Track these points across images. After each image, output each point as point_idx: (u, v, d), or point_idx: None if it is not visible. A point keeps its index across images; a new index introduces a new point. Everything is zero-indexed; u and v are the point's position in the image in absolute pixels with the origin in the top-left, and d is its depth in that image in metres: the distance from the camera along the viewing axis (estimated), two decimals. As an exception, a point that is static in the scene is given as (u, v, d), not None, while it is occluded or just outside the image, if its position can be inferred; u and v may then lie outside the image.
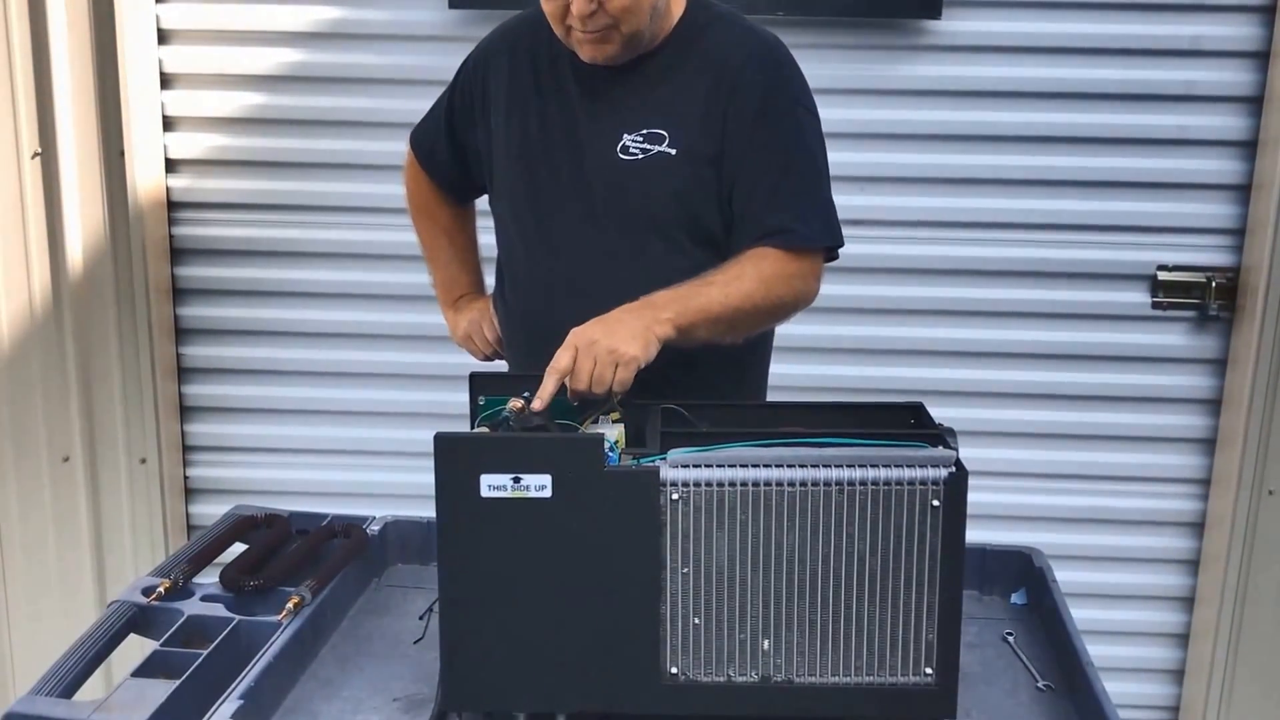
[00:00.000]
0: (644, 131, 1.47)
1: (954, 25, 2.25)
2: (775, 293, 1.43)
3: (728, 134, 1.46)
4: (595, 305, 1.35)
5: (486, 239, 1.74)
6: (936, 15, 2.23)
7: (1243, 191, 2.28)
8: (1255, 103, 2.24)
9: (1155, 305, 2.34)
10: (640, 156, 1.47)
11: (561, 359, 1.26)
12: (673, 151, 1.46)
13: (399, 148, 2.34)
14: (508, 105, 1.55)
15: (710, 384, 1.46)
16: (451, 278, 1.75)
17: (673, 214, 1.48)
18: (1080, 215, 2.32)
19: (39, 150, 2.25)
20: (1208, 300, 2.31)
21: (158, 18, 2.32)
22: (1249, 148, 2.26)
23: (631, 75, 1.49)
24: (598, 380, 1.25)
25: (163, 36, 2.34)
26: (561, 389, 1.24)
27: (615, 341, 1.27)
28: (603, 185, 1.49)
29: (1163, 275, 2.33)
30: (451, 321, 1.74)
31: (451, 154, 1.67)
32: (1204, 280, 2.32)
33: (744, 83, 1.46)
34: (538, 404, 1.23)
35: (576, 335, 1.28)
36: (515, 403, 1.22)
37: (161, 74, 2.34)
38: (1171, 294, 2.33)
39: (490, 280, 1.74)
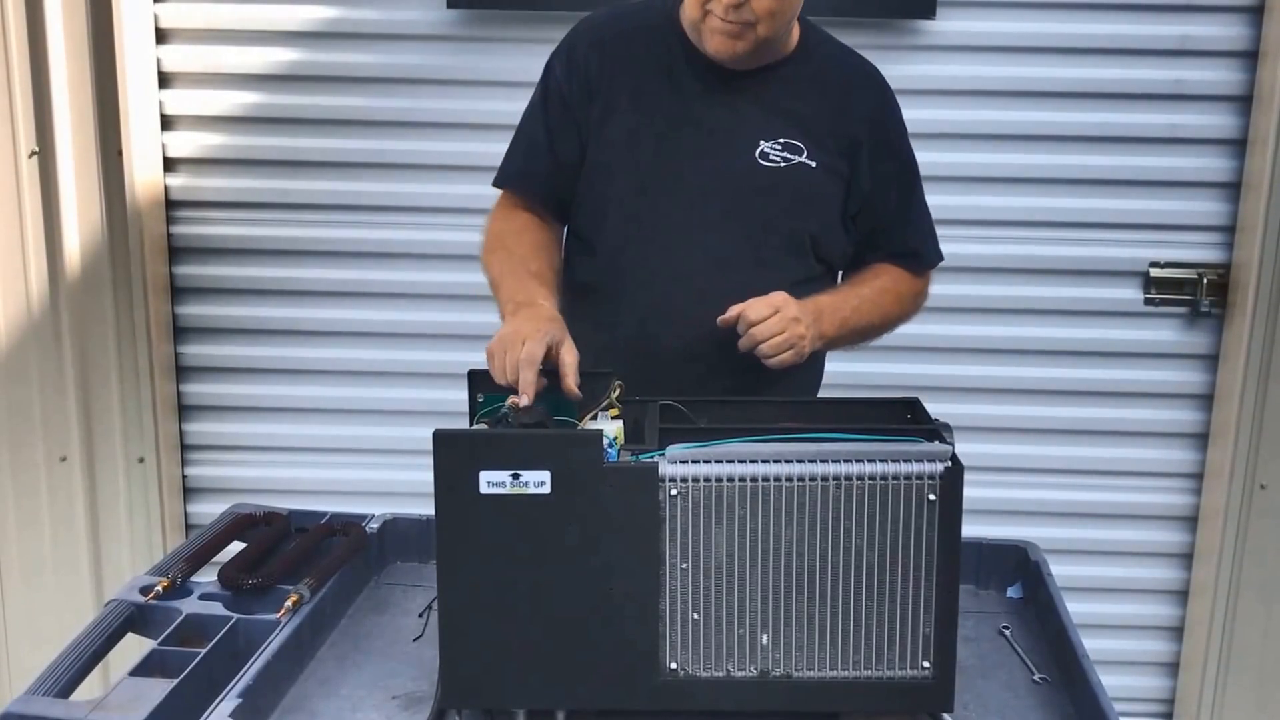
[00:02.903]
0: (781, 140, 1.49)
1: (948, 25, 2.26)
2: (907, 311, 1.59)
3: (858, 157, 1.52)
4: (714, 304, 1.42)
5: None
6: (931, 15, 2.24)
7: (1233, 189, 2.30)
8: (1245, 101, 2.25)
9: (1147, 301, 2.36)
10: (782, 165, 1.49)
11: (763, 310, 1.36)
12: (813, 164, 1.49)
13: (397, 146, 2.37)
14: (608, 99, 1.50)
15: (783, 383, 1.48)
16: (520, 287, 1.44)
17: (804, 223, 1.52)
18: (1073, 213, 2.33)
19: (36, 149, 2.25)
20: (1199, 296, 2.33)
21: (156, 16, 2.32)
22: (1239, 146, 2.27)
23: (756, 83, 1.50)
24: (768, 346, 1.35)
25: (161, 35, 2.33)
26: (557, 388, 1.24)
27: (805, 342, 1.39)
28: (739, 188, 1.50)
29: (1155, 272, 2.34)
30: (526, 322, 1.32)
31: (553, 164, 1.54)
32: (1195, 277, 2.33)
33: (876, 113, 1.54)
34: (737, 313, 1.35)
35: (787, 304, 1.38)
36: (514, 399, 1.23)
37: (159, 73, 2.34)
38: (1163, 290, 2.35)
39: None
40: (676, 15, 1.51)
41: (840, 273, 1.62)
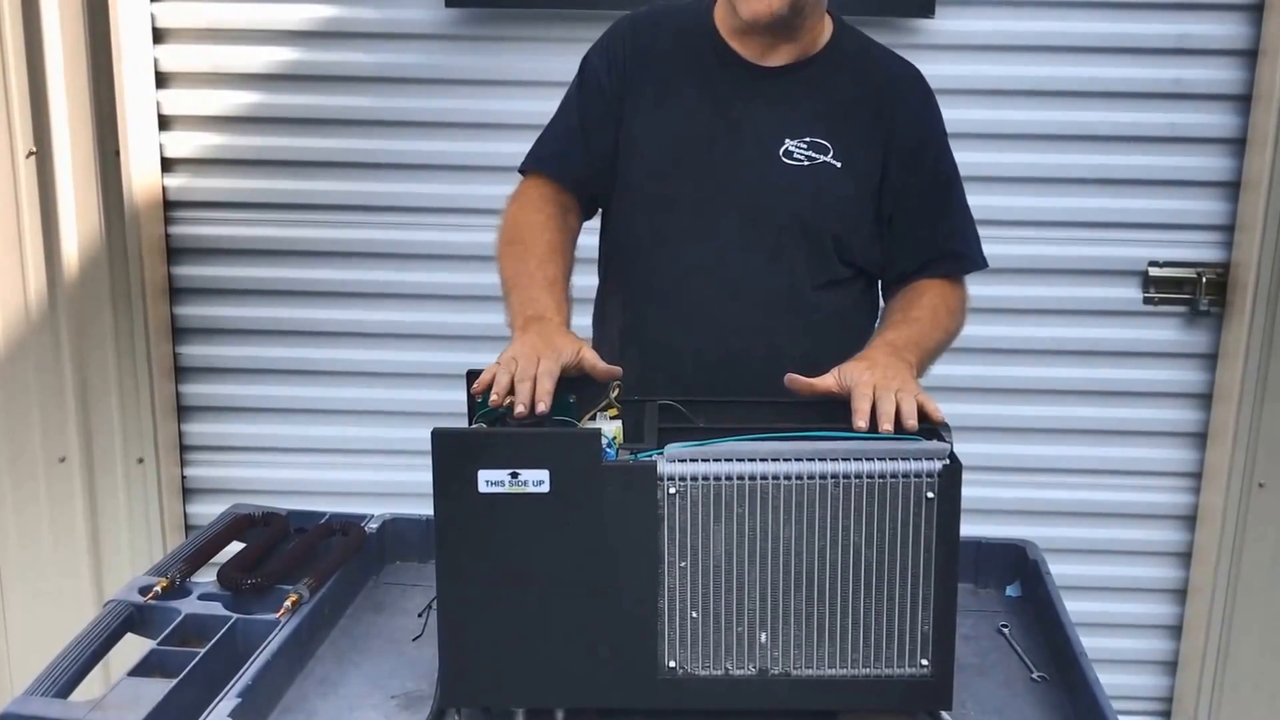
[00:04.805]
0: (808, 139, 1.47)
1: (947, 24, 2.26)
2: (960, 322, 1.53)
3: (890, 162, 1.49)
4: (743, 302, 1.42)
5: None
6: (929, 14, 2.24)
7: (1232, 188, 2.30)
8: (1244, 101, 2.26)
9: (1146, 301, 2.36)
10: (805, 163, 1.47)
11: (860, 375, 1.20)
12: (838, 164, 1.47)
13: (396, 146, 2.37)
14: (639, 94, 1.50)
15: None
16: (531, 299, 1.39)
17: (827, 224, 1.49)
18: (1071, 212, 2.33)
19: (34, 150, 2.25)
20: (1198, 296, 2.33)
21: (153, 16, 2.32)
22: (1238, 145, 2.28)
23: (787, 78, 1.49)
24: (905, 410, 1.17)
25: (158, 35, 2.34)
26: (560, 391, 1.24)
27: (910, 375, 1.27)
28: (762, 185, 1.48)
29: (1154, 271, 2.34)
30: (541, 336, 1.29)
31: (587, 153, 1.52)
32: (1194, 276, 2.33)
33: (907, 114, 1.51)
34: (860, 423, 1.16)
35: (869, 365, 1.24)
36: (521, 410, 1.22)
37: (157, 73, 2.34)
38: (1162, 289, 2.35)
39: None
40: (711, 19, 1.52)
41: (878, 280, 1.57)
